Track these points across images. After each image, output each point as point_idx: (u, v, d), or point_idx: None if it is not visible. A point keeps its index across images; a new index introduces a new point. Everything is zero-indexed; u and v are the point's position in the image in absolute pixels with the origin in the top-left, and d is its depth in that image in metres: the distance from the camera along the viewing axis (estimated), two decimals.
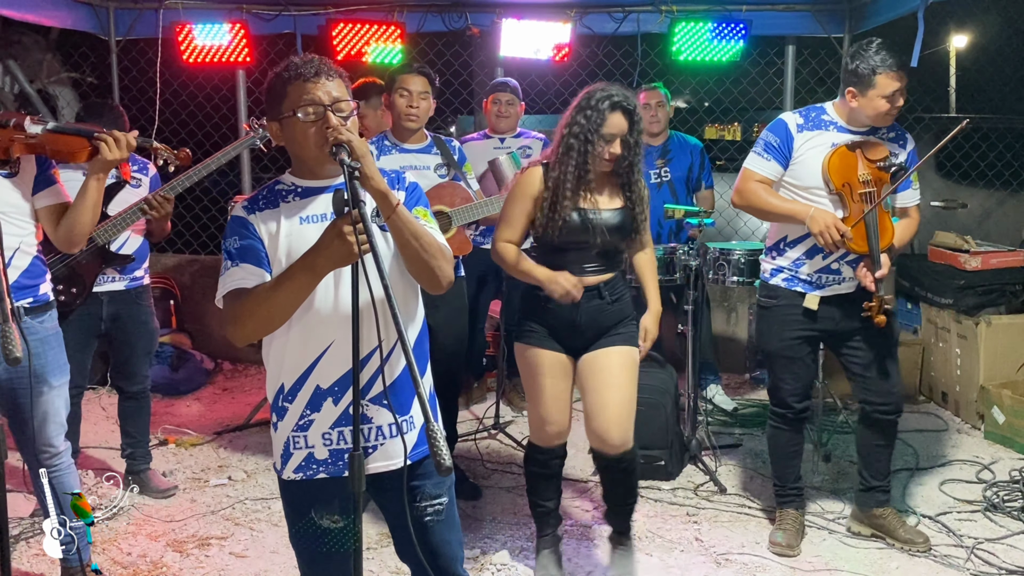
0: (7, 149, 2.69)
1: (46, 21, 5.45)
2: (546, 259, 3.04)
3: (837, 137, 3.23)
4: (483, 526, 3.64)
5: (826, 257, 3.25)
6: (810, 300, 3.28)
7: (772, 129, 3.31)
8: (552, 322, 3.01)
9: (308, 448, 2.06)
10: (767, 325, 3.42)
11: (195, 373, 5.65)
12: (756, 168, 3.30)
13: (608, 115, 2.87)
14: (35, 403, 2.85)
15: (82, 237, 2.89)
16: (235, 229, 2.00)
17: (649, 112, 4.84)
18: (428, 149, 3.75)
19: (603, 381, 3.00)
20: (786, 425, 3.46)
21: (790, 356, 3.36)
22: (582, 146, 2.89)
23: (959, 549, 3.38)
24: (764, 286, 3.44)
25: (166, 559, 3.38)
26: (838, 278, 3.27)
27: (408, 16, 5.63)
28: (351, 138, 1.87)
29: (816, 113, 3.30)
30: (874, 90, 3.12)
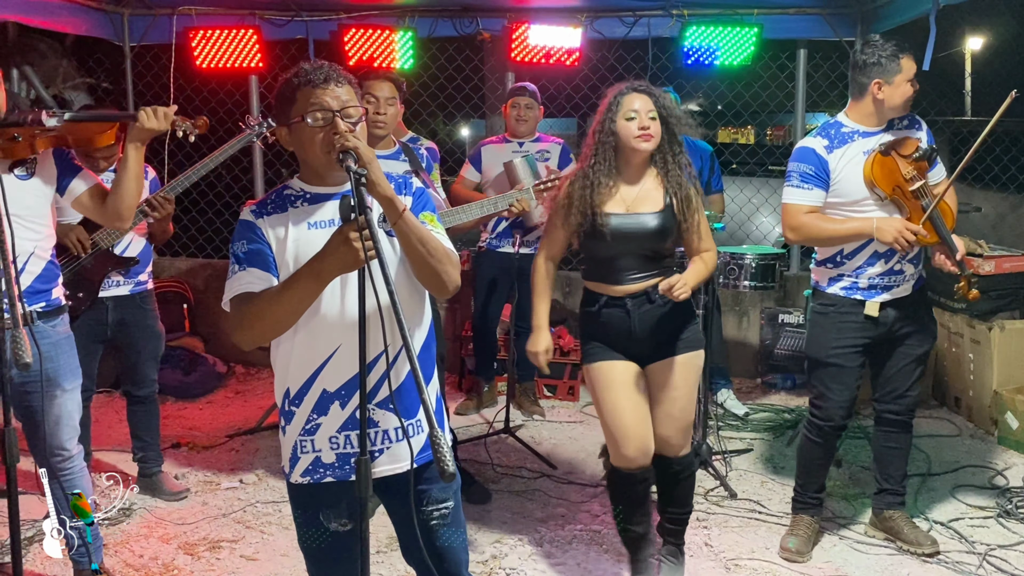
0: (32, 145, 2.71)
1: (62, 28, 5.50)
2: (592, 270, 3.02)
3: (864, 144, 3.21)
4: (493, 529, 3.64)
5: (888, 261, 3.23)
6: (870, 307, 3.26)
7: (801, 159, 3.25)
8: (609, 335, 2.97)
9: (315, 452, 2.07)
10: (821, 332, 3.35)
11: (208, 376, 5.68)
12: (801, 200, 3.24)
13: (622, 99, 2.89)
14: (48, 407, 2.87)
15: (131, 211, 2.91)
16: (243, 233, 2.02)
17: None
18: (396, 156, 3.67)
19: (660, 398, 2.98)
20: (822, 438, 3.39)
21: (841, 364, 3.30)
22: (605, 136, 2.90)
23: (971, 555, 3.36)
24: (820, 295, 3.38)
25: (177, 561, 3.40)
26: (901, 278, 3.26)
27: (419, 21, 5.65)
28: (358, 144, 1.88)
29: (835, 129, 3.28)
30: (901, 75, 3.14)
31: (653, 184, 2.97)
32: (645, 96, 2.89)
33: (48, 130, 2.74)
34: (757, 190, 6.36)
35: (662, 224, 2.91)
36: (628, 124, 2.87)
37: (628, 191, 2.94)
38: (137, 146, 2.86)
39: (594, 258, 2.99)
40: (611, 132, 2.90)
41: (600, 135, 2.92)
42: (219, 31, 5.60)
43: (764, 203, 6.34)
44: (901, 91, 3.16)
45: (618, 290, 2.95)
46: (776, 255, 4.46)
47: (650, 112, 2.87)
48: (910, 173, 3.16)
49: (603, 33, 5.71)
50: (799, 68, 5.85)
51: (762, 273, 4.29)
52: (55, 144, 2.82)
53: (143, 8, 5.79)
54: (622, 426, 2.93)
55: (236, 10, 5.71)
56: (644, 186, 2.96)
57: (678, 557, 3.22)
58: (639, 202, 2.93)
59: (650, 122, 2.86)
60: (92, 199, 2.89)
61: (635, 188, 2.95)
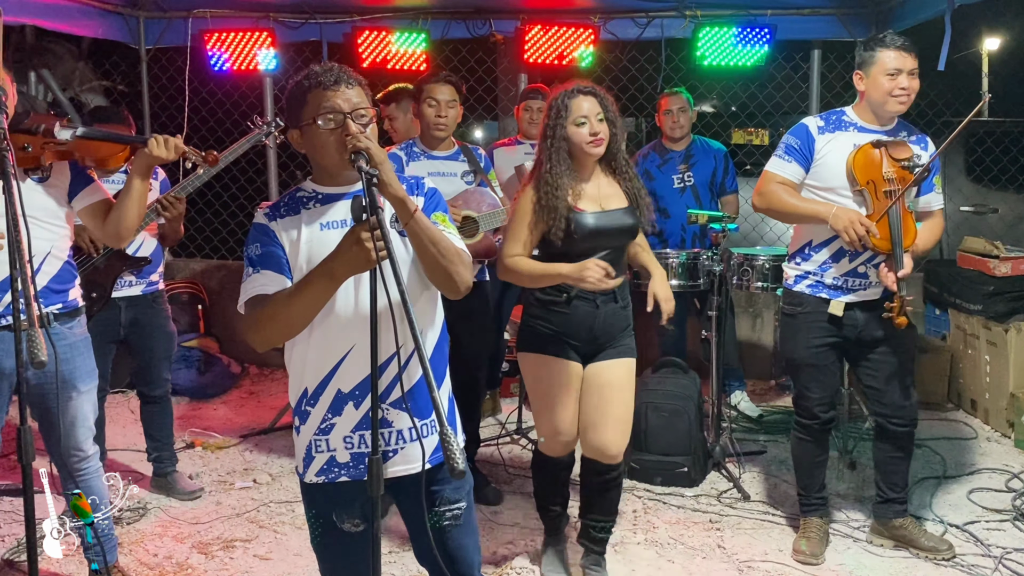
0: (38, 157, 2.73)
1: (78, 31, 5.55)
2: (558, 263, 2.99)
3: (858, 137, 3.21)
4: (504, 531, 3.64)
5: (852, 260, 3.22)
6: (835, 306, 3.25)
7: (793, 132, 3.31)
8: (570, 328, 2.98)
9: (330, 451, 2.08)
10: (792, 333, 3.38)
11: (222, 377, 5.71)
12: (777, 170, 3.29)
13: (570, 102, 2.90)
14: (64, 408, 2.89)
15: (130, 231, 2.92)
16: (256, 236, 2.03)
17: (671, 118, 4.83)
18: (455, 156, 3.80)
19: (606, 397, 3.00)
20: (810, 436, 3.41)
21: (816, 364, 3.32)
22: (558, 142, 2.91)
23: (987, 559, 3.33)
24: (788, 293, 3.41)
25: (191, 560, 3.43)
26: (864, 282, 3.24)
27: (432, 23, 5.67)
28: (369, 145, 1.89)
29: (836, 116, 3.30)
30: (875, 67, 3.14)
31: (607, 181, 3.02)
32: (592, 98, 2.91)
33: (59, 143, 2.76)
34: None
35: (634, 219, 2.99)
36: (579, 130, 2.90)
37: (591, 190, 2.98)
38: (143, 171, 2.87)
39: (563, 257, 2.92)
40: (563, 137, 2.91)
41: (552, 140, 2.92)
42: (233, 33, 5.64)
43: None
44: (877, 84, 3.14)
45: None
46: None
47: (598, 115, 2.90)
48: (890, 174, 3.14)
49: (616, 34, 5.70)
50: (813, 69, 5.83)
51: (775, 274, 4.27)
52: (61, 158, 2.82)
53: (158, 11, 5.84)
54: (559, 422, 3.03)
55: (250, 13, 5.74)
56: (600, 183, 3.01)
57: (600, 564, 3.23)
58: (607, 199, 2.98)
59: (599, 126, 2.90)
60: (95, 214, 2.90)
61: (595, 187, 2.99)
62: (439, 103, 3.66)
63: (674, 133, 4.85)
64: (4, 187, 2.05)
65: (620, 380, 3.02)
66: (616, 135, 2.97)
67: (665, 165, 4.91)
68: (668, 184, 4.88)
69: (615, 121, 2.96)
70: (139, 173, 2.86)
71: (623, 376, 3.03)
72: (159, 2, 5.76)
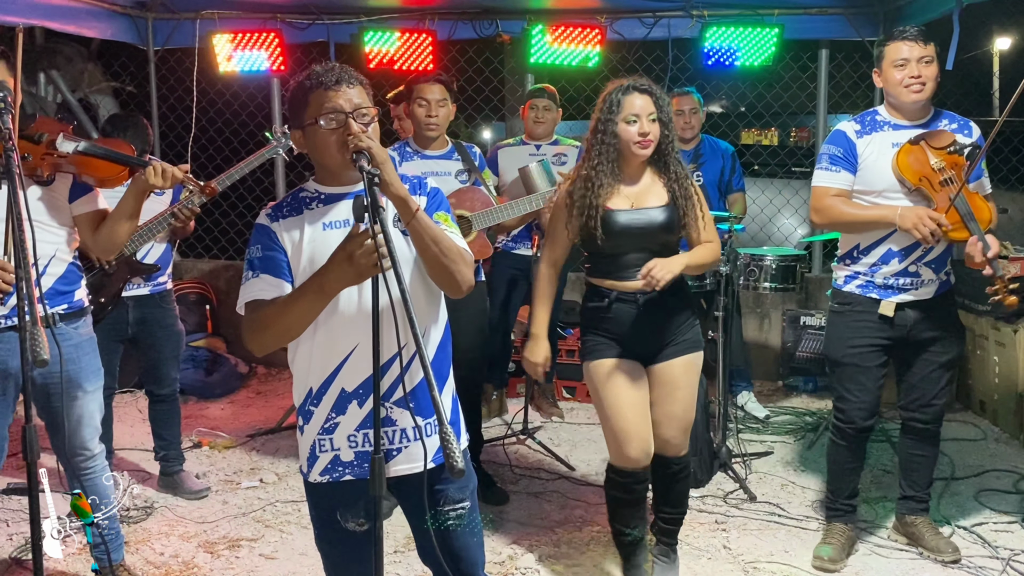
0: (35, 168, 2.74)
1: (87, 32, 5.57)
2: (598, 267, 2.98)
3: (895, 135, 3.17)
4: (510, 531, 3.64)
5: (903, 260, 3.17)
6: (885, 307, 3.20)
7: (832, 141, 3.25)
8: (617, 330, 2.94)
9: (334, 451, 2.08)
10: (838, 332, 3.32)
11: (229, 377, 5.73)
12: (828, 183, 3.21)
13: (623, 98, 2.85)
14: (70, 407, 2.90)
15: (119, 246, 2.95)
16: (258, 238, 2.04)
17: (682, 118, 4.81)
18: (449, 155, 3.79)
19: (665, 396, 2.97)
20: (846, 442, 3.34)
21: (859, 365, 3.25)
22: (607, 138, 2.87)
23: (994, 561, 3.32)
24: (837, 293, 3.36)
25: (197, 559, 3.44)
26: (917, 281, 3.19)
27: (439, 24, 5.67)
28: (371, 144, 1.89)
29: (871, 116, 3.27)
30: (885, 60, 3.13)
31: (652, 180, 2.97)
32: (647, 96, 2.85)
33: (58, 155, 2.77)
34: (779, 191, 6.32)
35: (668, 218, 2.91)
36: (629, 128, 2.84)
37: (630, 188, 2.94)
38: (138, 195, 2.88)
39: (600, 255, 2.96)
40: (613, 134, 2.86)
41: (601, 135, 2.88)
42: (241, 34, 5.66)
43: (786, 204, 6.30)
44: (889, 77, 3.13)
45: (629, 286, 2.92)
46: (797, 256, 4.44)
47: (651, 115, 2.84)
48: (939, 164, 3.08)
49: (623, 34, 5.69)
50: (821, 69, 5.81)
51: (783, 275, 4.26)
52: (56, 170, 2.82)
53: (167, 12, 5.86)
54: (626, 425, 2.91)
55: (258, 14, 5.76)
56: (644, 182, 2.96)
57: (671, 556, 3.21)
58: (643, 197, 2.93)
59: (650, 126, 2.84)
60: (89, 223, 2.92)
61: (636, 185, 2.95)
62: (429, 103, 3.64)
63: (685, 134, 4.83)
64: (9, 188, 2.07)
65: (679, 378, 2.96)
66: (668, 136, 2.90)
67: None
68: None
69: (668, 122, 2.89)
70: (133, 197, 2.87)
71: (681, 374, 2.97)
72: (167, 3, 5.78)
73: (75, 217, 2.91)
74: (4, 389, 2.86)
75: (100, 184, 2.90)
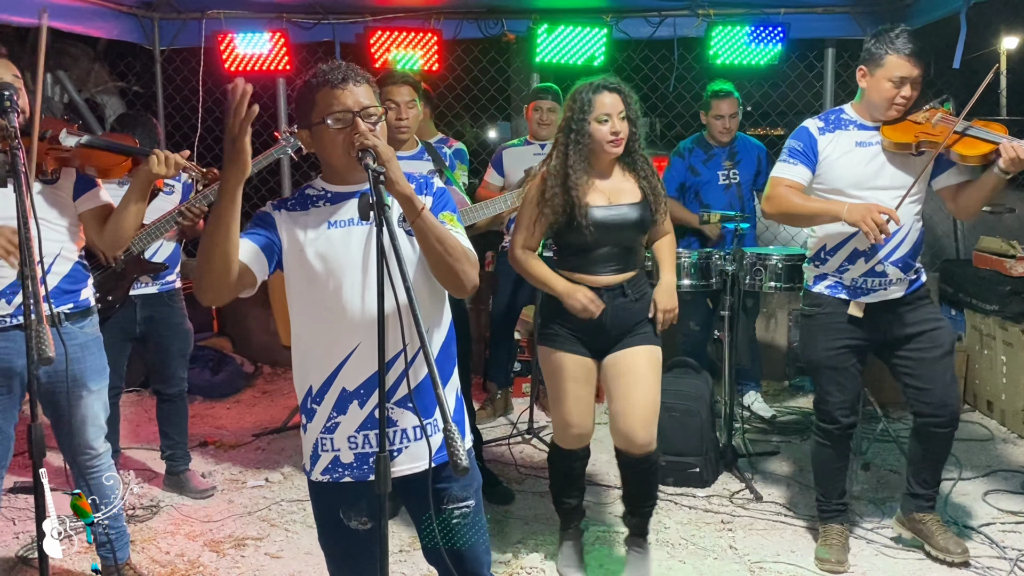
0: (40, 163, 2.75)
1: (94, 32, 5.59)
2: (568, 261, 3.05)
3: (858, 135, 3.16)
4: (515, 530, 3.64)
5: (868, 260, 3.17)
6: (854, 308, 3.20)
7: (795, 136, 3.26)
8: (577, 324, 3.02)
9: (335, 451, 2.08)
10: (811, 334, 3.32)
11: (235, 376, 5.74)
12: (783, 174, 3.21)
13: (594, 97, 2.89)
14: (75, 406, 2.91)
15: (125, 241, 2.95)
16: (254, 220, 2.07)
17: (722, 123, 4.76)
18: (419, 156, 3.71)
19: (629, 383, 3.02)
20: (830, 441, 3.34)
21: (835, 366, 3.25)
22: (580, 136, 2.91)
23: (1002, 561, 3.30)
24: (807, 295, 3.36)
25: (203, 559, 3.44)
26: (884, 281, 3.19)
27: (444, 23, 5.67)
28: (377, 143, 1.89)
29: (835, 115, 3.25)
30: (882, 70, 3.05)
31: (622, 176, 3.03)
32: (616, 95, 2.90)
33: (62, 149, 2.77)
34: None
35: (641, 215, 2.99)
36: (600, 127, 2.90)
37: (603, 184, 2.99)
38: (142, 186, 2.88)
39: (571, 248, 3.03)
40: (585, 133, 2.90)
41: (574, 134, 2.92)
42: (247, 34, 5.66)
43: None
44: (879, 87, 3.07)
45: (597, 281, 3.01)
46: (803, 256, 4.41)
47: (620, 112, 2.90)
48: (925, 117, 3.07)
49: (628, 33, 5.69)
50: (827, 67, 5.80)
51: (788, 274, 4.24)
52: (61, 164, 2.83)
53: (173, 12, 5.87)
54: (568, 413, 3.08)
55: (264, 13, 5.77)
56: (616, 179, 3.02)
57: (643, 547, 3.25)
58: (618, 194, 2.99)
59: (621, 124, 2.90)
60: (95, 218, 2.92)
61: (609, 181, 3.01)
62: (399, 105, 3.53)
63: (723, 138, 4.80)
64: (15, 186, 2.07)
65: (638, 366, 3.02)
66: (635, 133, 2.97)
67: (710, 161, 4.85)
68: (714, 180, 4.82)
69: (636, 119, 2.96)
70: (138, 187, 2.88)
71: (642, 362, 3.03)
72: (173, 3, 5.79)
73: (80, 214, 2.92)
74: (10, 388, 2.87)
75: (103, 175, 2.91)
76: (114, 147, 2.91)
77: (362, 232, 2.01)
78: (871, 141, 3.15)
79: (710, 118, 4.81)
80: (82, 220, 2.93)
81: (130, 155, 2.92)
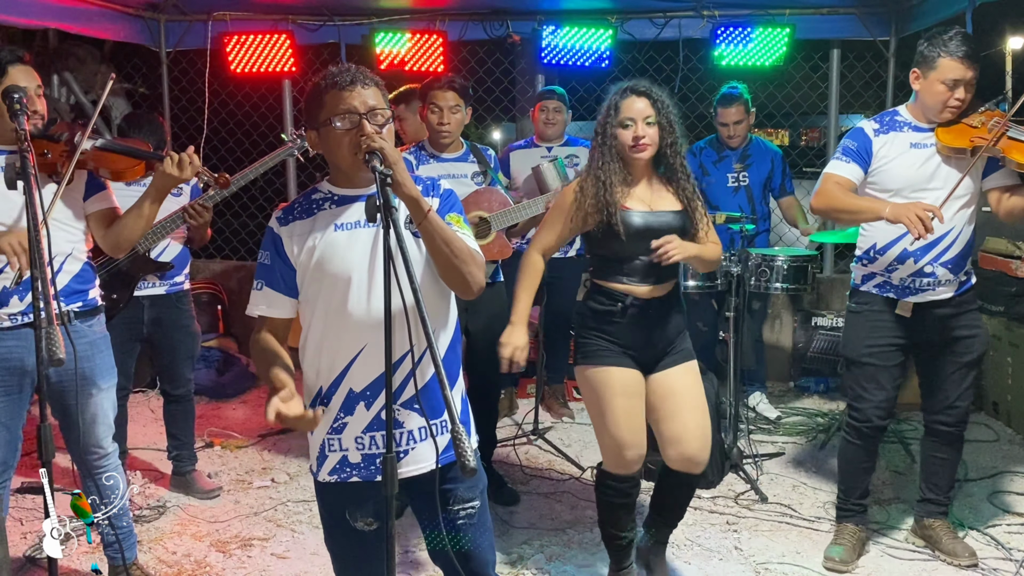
0: (55, 164, 2.77)
1: (100, 34, 5.61)
2: (610, 268, 2.91)
3: (913, 137, 3.15)
4: (520, 531, 3.64)
5: (918, 260, 3.15)
6: (902, 307, 3.19)
7: (850, 135, 3.25)
8: (626, 337, 2.88)
9: (342, 451, 2.09)
10: (855, 331, 3.31)
11: (241, 377, 5.75)
12: (834, 170, 3.20)
13: (620, 102, 2.83)
14: (84, 405, 2.92)
15: (129, 244, 2.97)
16: (266, 244, 2.10)
17: (727, 130, 4.78)
18: (465, 157, 3.82)
19: (679, 405, 2.90)
20: (861, 440, 3.31)
21: (877, 364, 3.23)
22: (608, 140, 2.85)
23: (1007, 563, 3.30)
24: (855, 292, 3.35)
25: (209, 559, 3.45)
26: (932, 281, 3.18)
27: (450, 24, 5.69)
28: (384, 145, 1.90)
29: (890, 116, 3.24)
30: (935, 72, 3.05)
31: (660, 184, 2.93)
32: (644, 99, 2.81)
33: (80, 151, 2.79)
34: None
35: (683, 223, 2.88)
36: (624, 132, 2.82)
37: (643, 190, 2.90)
38: (158, 192, 2.89)
39: (610, 257, 2.90)
40: (613, 136, 2.84)
41: (603, 137, 2.87)
42: (253, 36, 5.68)
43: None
44: (932, 90, 3.07)
45: (643, 292, 2.87)
46: (809, 257, 4.42)
47: (647, 118, 2.80)
48: (979, 120, 3.06)
49: (633, 35, 5.69)
50: (832, 69, 5.79)
51: (794, 275, 4.24)
52: (79, 167, 2.84)
53: (179, 14, 5.89)
54: (623, 433, 2.88)
55: (269, 15, 5.78)
56: (654, 185, 2.93)
57: (659, 554, 3.21)
58: (658, 200, 2.89)
59: (646, 129, 2.79)
60: (101, 220, 2.94)
61: (648, 187, 2.91)
62: (442, 109, 3.67)
63: (731, 143, 4.82)
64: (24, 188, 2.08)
65: (687, 386, 2.92)
66: (666, 139, 2.84)
67: (721, 163, 4.86)
68: (723, 182, 4.84)
69: (667, 125, 2.83)
70: (153, 193, 2.89)
71: (689, 382, 2.93)
72: (179, 5, 5.81)
73: (88, 215, 2.93)
74: (20, 386, 2.88)
75: (116, 177, 2.92)
76: (128, 151, 2.94)
77: (368, 234, 2.02)
78: (926, 143, 3.14)
79: (717, 124, 4.83)
80: (89, 220, 2.95)
81: (143, 159, 2.94)
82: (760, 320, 5.15)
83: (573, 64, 5.58)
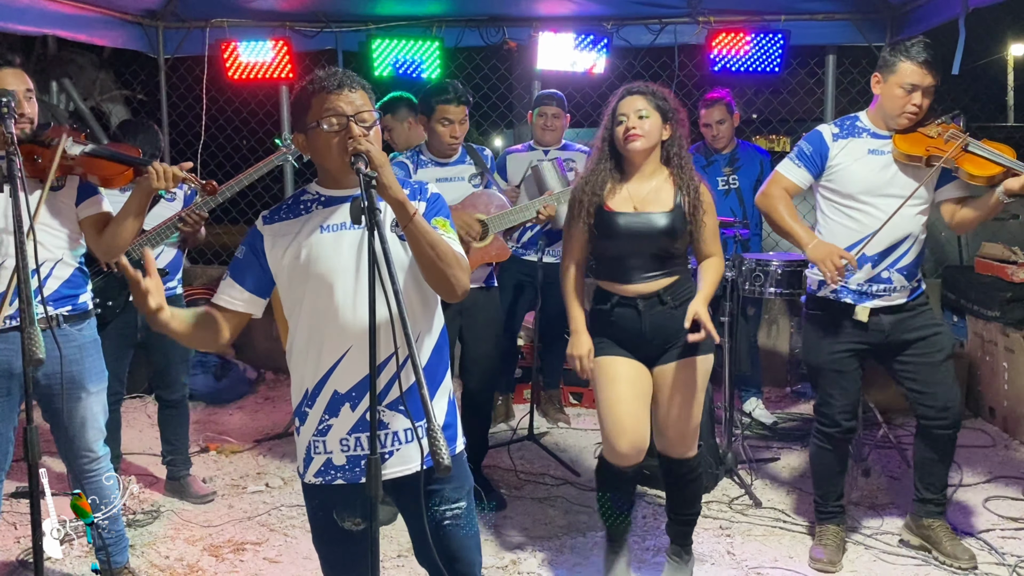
0: (45, 169, 2.78)
1: (99, 41, 5.63)
2: (603, 267, 3.02)
3: (872, 143, 3.19)
4: (514, 536, 3.64)
5: (876, 265, 3.18)
6: (860, 312, 3.21)
7: (808, 138, 3.30)
8: (619, 334, 2.97)
9: (327, 453, 2.09)
10: (814, 338, 3.33)
11: (238, 382, 5.76)
12: (785, 172, 3.27)
13: (618, 103, 2.91)
14: (73, 408, 2.93)
15: (121, 249, 2.98)
16: (245, 240, 2.13)
17: (710, 131, 4.81)
18: (462, 159, 3.86)
19: (665, 401, 2.97)
20: (831, 444, 3.35)
21: (838, 370, 3.27)
22: (606, 142, 2.95)
23: (1001, 568, 3.29)
24: (811, 298, 3.36)
25: (202, 563, 3.45)
26: (888, 287, 3.20)
27: (446, 31, 5.71)
28: (369, 148, 1.91)
29: (851, 121, 3.28)
30: (894, 76, 3.08)
31: (664, 184, 2.96)
32: (637, 96, 2.90)
33: (66, 157, 2.81)
34: None
35: (671, 224, 2.89)
36: (618, 129, 2.91)
37: (637, 191, 2.94)
38: (142, 198, 2.92)
39: (603, 257, 3.01)
40: (610, 136, 2.95)
41: (605, 141, 2.97)
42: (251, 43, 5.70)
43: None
44: (891, 94, 3.10)
45: (629, 290, 2.94)
46: (803, 262, 4.41)
47: (639, 111, 2.87)
48: (936, 131, 3.10)
49: (629, 41, 5.71)
50: (828, 75, 5.80)
51: (788, 279, 4.24)
52: (65, 172, 2.87)
53: (177, 21, 5.91)
54: (618, 420, 2.92)
55: (267, 22, 5.81)
56: (653, 186, 2.95)
57: (683, 557, 3.22)
58: (648, 202, 2.93)
59: (638, 121, 2.87)
60: (94, 225, 2.95)
61: (644, 188, 2.95)
62: (452, 122, 3.71)
63: (716, 144, 4.83)
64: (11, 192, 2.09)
65: (679, 381, 2.95)
66: (657, 131, 2.89)
67: (710, 167, 4.87)
68: (713, 186, 4.84)
69: (662, 117, 2.88)
70: (137, 200, 2.91)
71: (683, 377, 2.96)
72: (178, 12, 5.83)
73: (80, 221, 2.95)
74: (9, 389, 2.89)
75: (105, 184, 2.94)
76: (117, 157, 2.95)
77: (354, 236, 2.03)
78: (883, 149, 3.17)
79: (700, 126, 4.85)
80: (81, 226, 2.96)
81: (131, 165, 2.96)
82: (755, 325, 5.15)
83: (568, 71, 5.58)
